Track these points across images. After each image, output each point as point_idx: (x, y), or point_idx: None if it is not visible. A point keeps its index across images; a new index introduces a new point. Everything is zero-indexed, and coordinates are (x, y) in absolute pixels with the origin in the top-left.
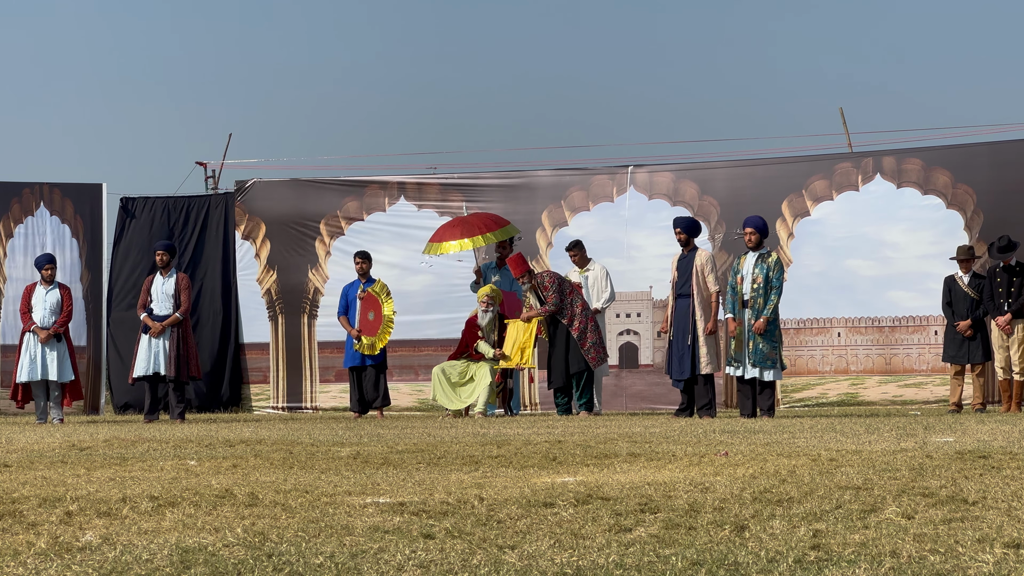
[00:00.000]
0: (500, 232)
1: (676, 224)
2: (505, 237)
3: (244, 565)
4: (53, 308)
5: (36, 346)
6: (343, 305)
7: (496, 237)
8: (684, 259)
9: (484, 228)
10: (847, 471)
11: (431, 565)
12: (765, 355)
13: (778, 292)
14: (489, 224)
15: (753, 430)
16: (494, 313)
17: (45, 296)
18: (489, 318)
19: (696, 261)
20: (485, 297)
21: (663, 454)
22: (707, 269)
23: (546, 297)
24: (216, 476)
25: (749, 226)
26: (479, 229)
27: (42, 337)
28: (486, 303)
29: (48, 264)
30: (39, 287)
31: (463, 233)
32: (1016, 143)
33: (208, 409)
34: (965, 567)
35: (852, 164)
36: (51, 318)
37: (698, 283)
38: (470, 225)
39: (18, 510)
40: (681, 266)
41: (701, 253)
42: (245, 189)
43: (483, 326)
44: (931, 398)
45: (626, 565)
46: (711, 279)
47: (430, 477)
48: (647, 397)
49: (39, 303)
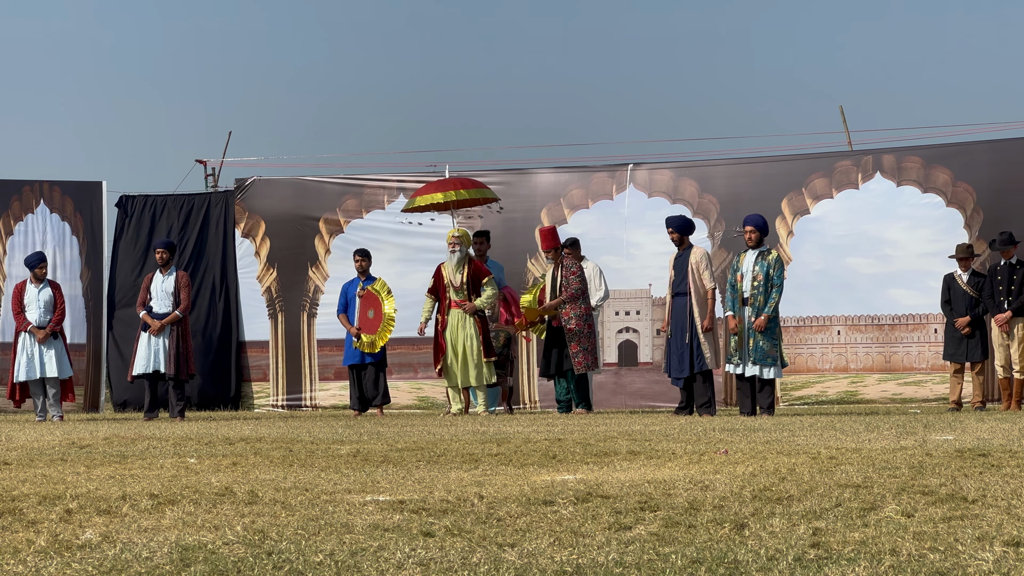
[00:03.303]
0: (476, 192)
1: (668, 224)
2: (479, 196)
3: (244, 563)
4: (47, 306)
5: (33, 345)
6: (342, 303)
7: (470, 195)
8: (679, 257)
9: (459, 186)
10: (847, 469)
11: (431, 563)
12: (765, 352)
13: (779, 290)
14: (466, 183)
15: (753, 428)
16: (462, 253)
17: (38, 295)
18: (457, 258)
19: (691, 259)
20: (453, 238)
21: (663, 452)
22: (702, 266)
23: (569, 282)
24: (216, 474)
25: (749, 224)
26: (453, 186)
27: (40, 337)
28: (453, 243)
29: (40, 263)
30: (30, 286)
31: (437, 189)
32: (1016, 141)
33: (209, 407)
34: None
35: (852, 162)
36: (46, 316)
37: (694, 281)
38: (446, 183)
39: (18, 508)
40: (677, 265)
41: (696, 251)
42: (245, 187)
43: (451, 267)
44: (931, 396)
45: (626, 563)
46: (706, 276)
47: (430, 475)
48: (646, 395)
49: (32, 302)
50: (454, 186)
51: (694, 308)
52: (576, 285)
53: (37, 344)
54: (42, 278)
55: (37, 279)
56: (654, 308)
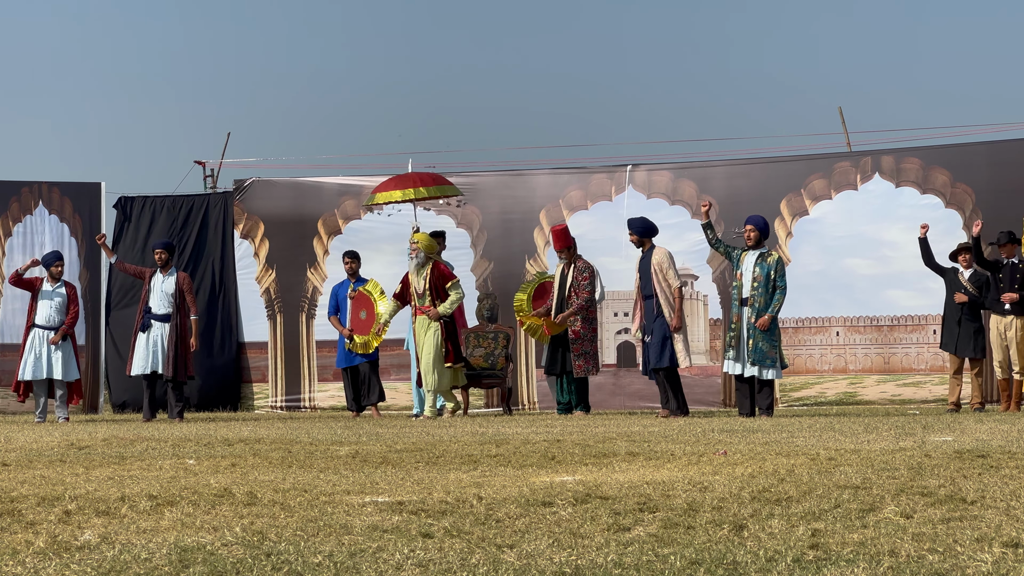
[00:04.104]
0: (436, 189)
1: (628, 226)
2: (439, 195)
3: (243, 564)
4: (58, 307)
5: (42, 344)
6: (333, 305)
7: (429, 193)
8: (643, 260)
9: (419, 183)
10: (846, 470)
11: (430, 564)
12: (765, 353)
13: (783, 291)
14: (426, 180)
15: (752, 429)
16: (419, 259)
17: (51, 295)
18: (415, 263)
19: (653, 260)
20: (411, 243)
21: (662, 453)
22: (664, 266)
23: (581, 288)
24: (215, 475)
25: (750, 223)
26: (413, 183)
27: (53, 339)
28: (412, 248)
29: (57, 262)
30: (46, 284)
31: (396, 185)
32: (1014, 142)
33: (209, 408)
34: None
35: (851, 163)
36: (56, 317)
37: (659, 282)
38: (406, 179)
39: (17, 509)
40: (641, 267)
41: (658, 251)
42: (244, 188)
43: (412, 270)
44: (930, 397)
45: (625, 564)
46: (671, 275)
47: (429, 476)
48: (645, 396)
49: (44, 301)
50: (414, 183)
51: (664, 309)
52: (587, 294)
53: (46, 344)
54: (58, 277)
55: (53, 278)
56: None
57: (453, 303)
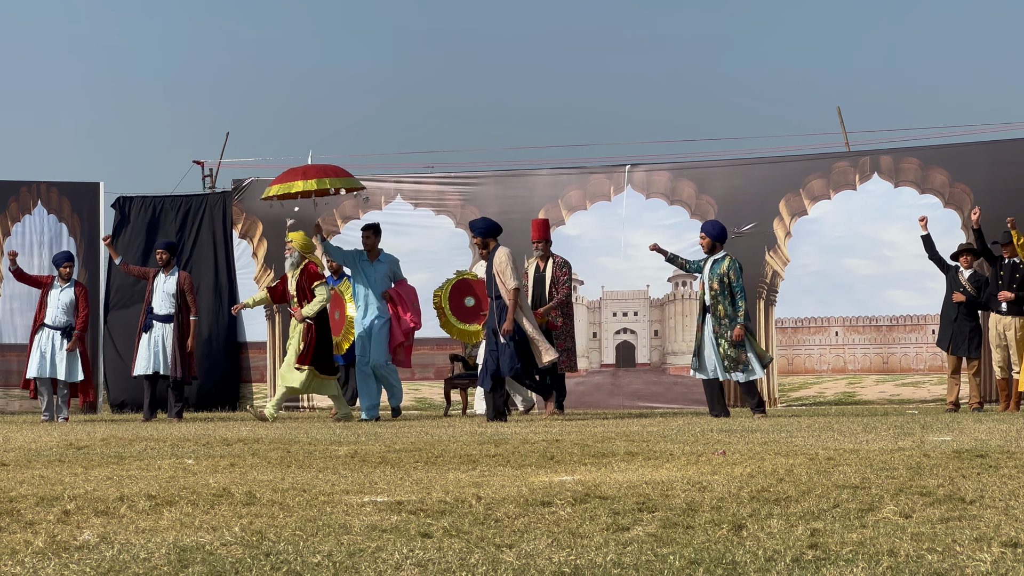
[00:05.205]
0: (337, 180)
1: (469, 227)
2: (336, 186)
3: (242, 564)
4: (65, 307)
5: (48, 343)
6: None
7: (331, 184)
8: (488, 261)
9: (320, 174)
10: (844, 470)
11: (429, 564)
12: (734, 360)
13: (742, 293)
14: (327, 171)
15: (750, 429)
16: (293, 258)
17: (59, 295)
18: (288, 263)
19: (494, 262)
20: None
21: (661, 453)
22: (501, 267)
23: (561, 283)
24: (214, 475)
25: (702, 230)
26: (314, 173)
27: (69, 346)
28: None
29: (67, 262)
30: (55, 284)
31: (294, 177)
32: (1013, 142)
33: (208, 408)
34: (962, 566)
35: (850, 163)
36: (62, 317)
37: (501, 284)
38: (308, 170)
39: (16, 509)
40: (487, 269)
41: (499, 252)
42: (242, 188)
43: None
44: (928, 397)
45: (624, 564)
46: (507, 276)
47: (428, 476)
48: (644, 396)
49: (52, 301)
50: (315, 174)
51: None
52: (567, 289)
53: (52, 343)
54: (67, 277)
55: (63, 278)
56: (652, 309)
57: (315, 304)
